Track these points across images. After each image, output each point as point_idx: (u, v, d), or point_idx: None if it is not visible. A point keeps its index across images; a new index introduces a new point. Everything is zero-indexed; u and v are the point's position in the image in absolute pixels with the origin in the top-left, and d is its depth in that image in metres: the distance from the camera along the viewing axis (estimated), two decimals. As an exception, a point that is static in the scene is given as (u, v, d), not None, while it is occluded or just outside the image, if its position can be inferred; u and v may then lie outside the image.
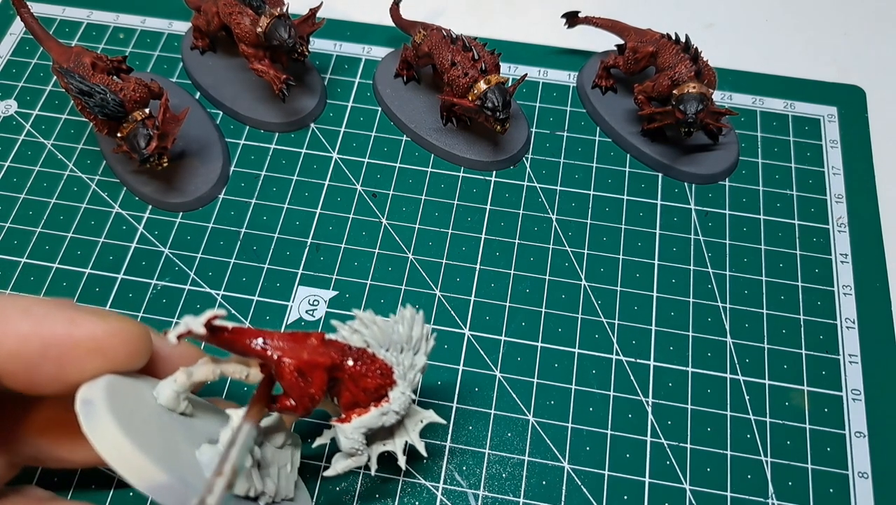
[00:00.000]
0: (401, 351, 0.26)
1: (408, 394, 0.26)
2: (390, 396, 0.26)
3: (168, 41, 0.47)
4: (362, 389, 0.26)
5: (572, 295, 0.38)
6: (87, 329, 0.23)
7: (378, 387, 0.26)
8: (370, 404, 0.26)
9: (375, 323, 0.26)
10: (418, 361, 0.27)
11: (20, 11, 0.39)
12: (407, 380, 0.26)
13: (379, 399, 0.26)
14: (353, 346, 0.26)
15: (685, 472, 0.33)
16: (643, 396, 0.35)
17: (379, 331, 0.26)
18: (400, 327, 0.26)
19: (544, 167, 0.42)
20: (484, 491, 0.33)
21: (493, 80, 0.37)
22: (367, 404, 0.26)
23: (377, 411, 0.26)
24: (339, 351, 0.25)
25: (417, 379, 0.27)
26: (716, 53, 0.45)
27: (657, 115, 0.40)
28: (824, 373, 0.36)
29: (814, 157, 0.43)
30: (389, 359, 0.26)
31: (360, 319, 0.26)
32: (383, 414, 0.26)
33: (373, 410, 0.26)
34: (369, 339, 0.26)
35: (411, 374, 0.26)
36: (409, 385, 0.26)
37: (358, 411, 0.26)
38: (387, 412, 0.26)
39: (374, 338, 0.26)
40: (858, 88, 0.46)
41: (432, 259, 0.39)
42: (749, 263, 0.39)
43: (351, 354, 0.25)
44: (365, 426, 0.26)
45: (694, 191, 0.42)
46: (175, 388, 0.25)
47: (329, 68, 0.46)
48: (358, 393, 0.26)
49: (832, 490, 0.33)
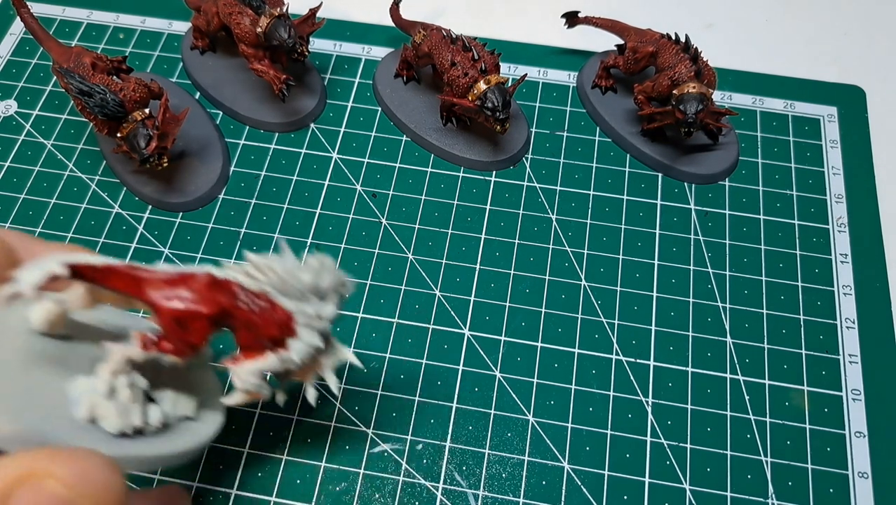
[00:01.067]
0: (305, 299, 0.24)
1: (312, 342, 0.24)
2: (290, 346, 0.24)
3: (168, 41, 0.47)
4: (260, 336, 0.24)
5: (572, 295, 0.38)
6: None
7: (278, 336, 0.24)
8: (267, 350, 0.24)
9: (274, 270, 0.23)
10: (327, 311, 0.24)
11: (20, 11, 0.39)
12: (313, 329, 0.24)
13: (278, 346, 0.24)
14: (251, 290, 0.24)
15: (685, 472, 0.33)
16: (643, 396, 0.35)
17: (278, 278, 0.24)
18: (305, 276, 0.24)
19: (544, 167, 0.42)
20: (484, 491, 0.33)
21: (493, 80, 0.37)
22: (263, 349, 0.24)
23: (275, 358, 0.24)
24: (230, 295, 0.23)
25: (326, 327, 0.25)
26: (716, 53, 0.45)
27: (657, 115, 0.40)
28: (824, 373, 0.36)
29: (814, 158, 0.43)
30: (290, 308, 0.24)
31: (253, 265, 0.24)
32: (283, 361, 0.24)
33: (270, 356, 0.24)
34: (266, 286, 0.24)
35: (317, 324, 0.24)
36: (317, 335, 0.24)
37: (254, 354, 0.24)
38: (287, 360, 0.24)
39: (273, 285, 0.24)
40: (858, 88, 0.46)
41: (432, 259, 0.39)
42: (749, 262, 0.39)
43: (245, 298, 0.23)
44: (262, 370, 0.24)
45: (694, 191, 0.42)
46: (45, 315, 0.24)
47: (329, 68, 0.46)
48: (251, 338, 0.24)
49: (832, 490, 0.33)
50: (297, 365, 0.25)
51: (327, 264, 0.24)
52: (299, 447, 0.33)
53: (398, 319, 0.37)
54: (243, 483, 0.33)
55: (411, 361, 0.36)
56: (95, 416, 0.23)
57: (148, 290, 0.23)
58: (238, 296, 0.23)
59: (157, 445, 0.24)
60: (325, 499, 0.32)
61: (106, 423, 0.23)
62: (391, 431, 0.34)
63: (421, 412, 0.34)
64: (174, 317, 0.22)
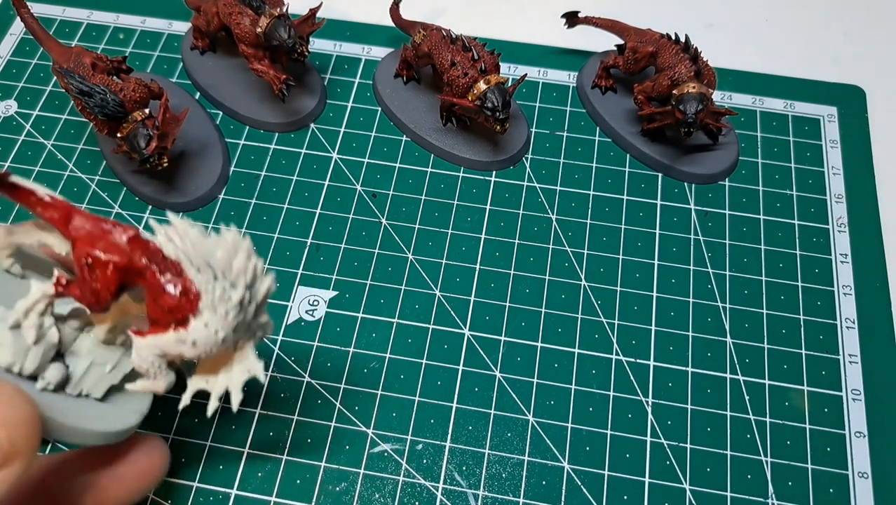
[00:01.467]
0: (214, 278, 0.22)
1: (214, 329, 0.23)
2: (190, 325, 0.23)
3: (168, 41, 0.47)
4: (160, 305, 0.22)
5: (572, 295, 0.38)
6: None
7: (176, 308, 0.22)
8: (170, 327, 0.23)
9: (189, 237, 0.22)
10: (233, 295, 0.23)
11: (20, 12, 0.39)
12: (218, 313, 0.22)
13: (180, 324, 0.23)
14: (167, 256, 0.22)
15: (685, 472, 0.33)
16: (643, 396, 0.35)
17: (192, 246, 0.22)
18: (218, 251, 0.22)
19: (544, 167, 0.42)
20: (484, 491, 0.33)
21: (493, 80, 0.37)
22: (166, 325, 0.23)
23: (174, 336, 0.23)
24: (147, 255, 0.22)
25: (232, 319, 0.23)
26: (715, 53, 0.45)
27: (657, 115, 0.40)
28: (824, 373, 0.36)
29: (814, 157, 0.43)
30: (198, 282, 0.22)
31: (175, 227, 0.22)
32: (180, 341, 0.23)
33: (170, 333, 0.23)
34: (180, 253, 0.22)
35: (222, 308, 0.23)
36: (221, 321, 0.23)
37: (156, 330, 0.23)
38: (184, 340, 0.23)
39: (186, 253, 0.22)
40: (858, 88, 0.46)
41: (432, 259, 0.39)
42: (749, 263, 0.39)
43: (157, 263, 0.22)
44: (159, 348, 0.23)
45: (694, 191, 0.42)
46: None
47: (329, 68, 0.46)
48: (156, 309, 0.23)
49: (832, 490, 0.33)
50: (197, 353, 0.23)
51: (243, 245, 0.23)
52: (299, 447, 0.33)
53: (398, 319, 0.37)
54: (243, 483, 0.33)
55: (411, 361, 0.36)
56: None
57: (73, 223, 0.22)
58: (154, 257, 0.22)
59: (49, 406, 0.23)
60: (325, 499, 0.32)
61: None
62: (391, 431, 0.34)
63: (421, 412, 0.34)
64: (86, 255, 0.22)
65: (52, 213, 0.23)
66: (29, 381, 0.24)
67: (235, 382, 0.25)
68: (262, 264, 0.23)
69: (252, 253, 0.23)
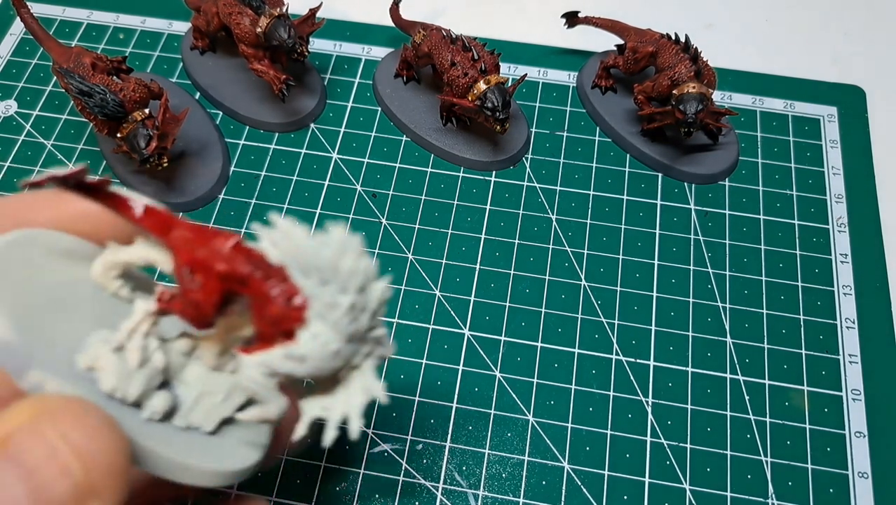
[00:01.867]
0: (323, 283, 0.20)
1: (324, 341, 0.20)
2: (298, 337, 0.20)
3: (168, 41, 0.47)
4: (265, 316, 0.21)
5: (572, 295, 0.38)
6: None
7: (281, 317, 0.20)
8: (276, 340, 0.21)
9: (293, 237, 0.20)
10: (342, 300, 0.20)
11: (20, 12, 0.39)
12: (328, 322, 0.20)
13: (287, 336, 0.21)
14: (272, 262, 0.20)
15: (685, 472, 0.33)
16: (643, 396, 0.35)
17: (296, 248, 0.20)
18: (326, 251, 0.20)
19: (544, 167, 0.42)
20: (484, 491, 0.33)
21: (493, 80, 0.37)
22: (273, 339, 0.21)
23: (281, 351, 0.21)
24: (251, 263, 0.20)
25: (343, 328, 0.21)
26: (715, 53, 0.45)
27: (657, 116, 0.40)
28: (824, 373, 0.36)
29: (814, 157, 0.43)
30: (305, 288, 0.20)
31: (279, 229, 0.20)
32: (288, 357, 0.21)
33: (277, 348, 0.21)
34: (286, 257, 0.20)
35: (332, 315, 0.20)
36: (332, 331, 0.20)
37: (264, 346, 0.21)
38: (292, 356, 0.21)
39: (291, 256, 0.20)
40: (858, 88, 0.46)
41: (432, 259, 0.39)
42: (749, 263, 0.39)
43: (261, 269, 0.20)
44: (267, 366, 0.21)
45: (694, 191, 0.42)
46: (102, 262, 0.23)
47: (329, 68, 0.46)
48: (262, 322, 0.21)
49: (832, 490, 0.33)
50: (308, 370, 0.21)
51: (351, 244, 0.20)
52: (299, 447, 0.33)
53: (398, 319, 0.37)
54: (244, 483, 0.32)
55: (411, 361, 0.36)
56: (94, 366, 0.21)
57: (173, 233, 0.21)
58: (260, 265, 0.21)
59: (149, 436, 0.21)
60: (325, 499, 0.32)
61: (101, 376, 0.21)
62: (391, 431, 0.34)
63: (421, 412, 0.34)
64: (187, 262, 0.21)
65: (151, 223, 0.21)
66: (133, 409, 0.22)
67: (354, 407, 0.22)
68: (373, 266, 0.21)
69: (362, 253, 0.20)
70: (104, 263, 0.23)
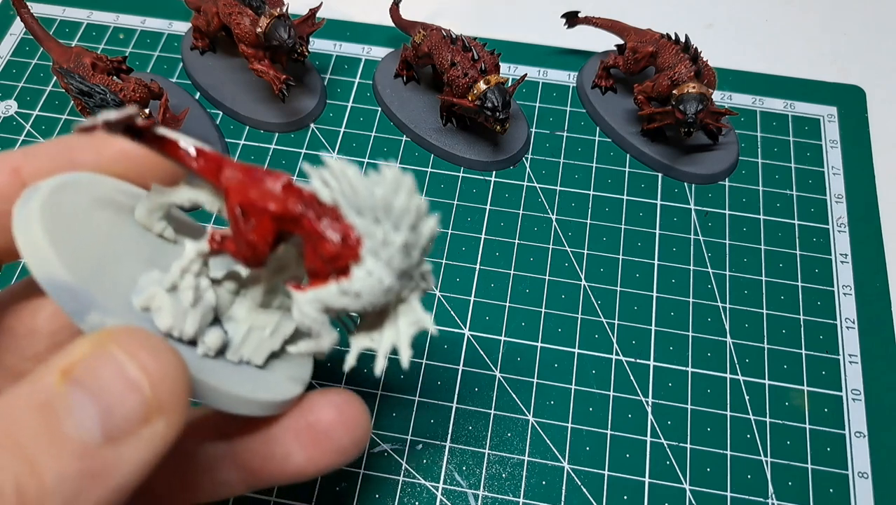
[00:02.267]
0: (376, 221, 0.21)
1: (379, 278, 0.21)
2: (353, 274, 0.21)
3: (168, 41, 0.47)
4: (320, 255, 0.21)
5: (572, 295, 0.38)
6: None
7: (336, 255, 0.21)
8: (330, 277, 0.21)
9: (346, 177, 0.20)
10: (396, 238, 0.21)
11: (20, 12, 0.39)
12: (381, 260, 0.21)
13: (342, 273, 0.21)
14: (324, 201, 0.21)
15: (685, 472, 0.33)
16: (643, 396, 0.35)
17: (350, 188, 0.20)
18: (378, 190, 0.20)
19: (544, 167, 0.42)
20: (484, 491, 0.33)
21: (493, 80, 0.37)
22: (326, 277, 0.21)
23: (336, 288, 0.21)
24: (303, 202, 0.21)
25: (397, 265, 0.21)
26: (715, 53, 0.45)
27: (657, 116, 0.40)
28: (824, 373, 0.36)
29: (814, 157, 0.43)
30: (359, 226, 0.21)
31: (330, 169, 0.21)
32: (343, 293, 0.21)
33: (332, 284, 0.21)
34: (338, 196, 0.21)
35: (386, 253, 0.21)
36: (386, 268, 0.21)
37: (317, 283, 0.22)
38: (348, 291, 0.21)
39: (345, 195, 0.21)
40: (858, 88, 0.46)
41: (432, 259, 0.39)
42: (749, 262, 0.39)
43: (314, 209, 0.21)
44: (322, 302, 0.21)
45: (694, 191, 0.42)
46: (146, 204, 0.23)
47: (329, 68, 0.46)
48: (316, 260, 0.21)
49: (832, 490, 0.33)
50: (361, 304, 0.21)
51: (404, 183, 0.20)
52: (299, 447, 0.33)
53: (398, 319, 0.37)
54: (243, 483, 0.33)
55: (411, 361, 0.36)
56: (150, 306, 0.22)
57: (224, 173, 0.21)
58: (311, 203, 0.21)
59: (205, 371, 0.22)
60: (325, 499, 0.32)
61: (158, 315, 0.22)
62: (391, 431, 0.34)
63: (421, 412, 0.34)
64: (240, 203, 0.21)
65: (203, 164, 0.22)
66: (189, 346, 0.22)
67: (404, 338, 0.22)
68: (425, 203, 0.21)
69: (414, 191, 0.20)
70: (149, 204, 0.23)
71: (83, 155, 0.24)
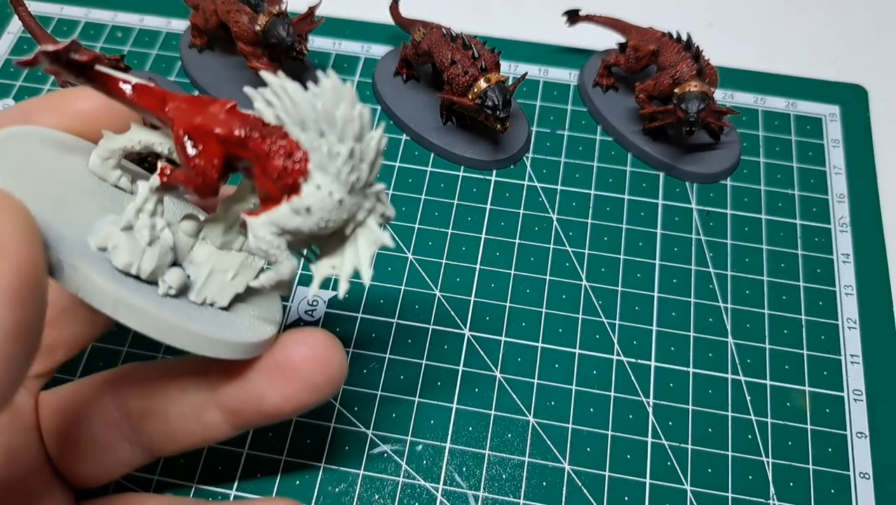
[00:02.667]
0: (320, 134, 0.21)
1: (328, 191, 0.21)
2: (303, 190, 0.21)
3: (166, 40, 0.47)
4: (269, 175, 0.21)
5: (573, 295, 0.38)
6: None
7: (283, 171, 0.21)
8: (282, 198, 0.21)
9: (288, 92, 0.20)
10: (341, 149, 0.21)
11: (18, 10, 0.39)
12: (329, 172, 0.21)
13: (292, 191, 0.21)
14: (268, 122, 0.21)
15: (686, 472, 0.33)
16: (644, 396, 0.35)
17: (291, 104, 0.20)
18: (319, 102, 0.20)
19: (545, 166, 0.42)
20: (484, 492, 0.33)
21: (494, 78, 0.37)
22: (279, 197, 0.21)
23: (287, 207, 0.21)
24: (247, 125, 0.21)
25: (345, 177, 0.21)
26: (717, 52, 0.45)
27: (658, 114, 0.40)
28: (826, 373, 0.36)
29: (816, 157, 0.43)
30: (304, 141, 0.21)
31: (271, 87, 0.21)
32: (295, 211, 0.21)
33: (283, 204, 0.21)
34: (281, 113, 0.21)
35: (333, 165, 0.21)
36: (334, 181, 0.21)
37: (268, 205, 0.21)
38: (299, 209, 0.21)
39: (287, 112, 0.21)
40: (861, 87, 0.46)
41: (432, 259, 0.39)
42: (750, 262, 0.39)
43: (259, 130, 0.21)
44: (275, 224, 0.21)
45: (695, 190, 0.41)
46: (99, 151, 0.23)
47: (328, 67, 0.46)
48: (266, 182, 0.21)
49: (833, 491, 0.33)
50: (314, 221, 0.21)
51: (344, 92, 0.20)
52: (299, 447, 0.33)
53: (398, 319, 0.37)
54: (243, 483, 0.32)
55: (411, 361, 0.36)
56: (106, 245, 0.22)
57: (168, 105, 0.21)
58: (256, 126, 0.21)
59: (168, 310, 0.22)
60: (324, 500, 0.32)
61: (114, 253, 0.21)
62: (391, 432, 0.34)
63: (421, 413, 0.34)
64: (185, 129, 0.21)
65: (144, 99, 0.22)
66: (150, 286, 0.22)
67: (363, 258, 0.22)
68: (368, 112, 0.21)
69: (356, 100, 0.21)
70: (101, 151, 0.23)
71: (41, 117, 0.23)
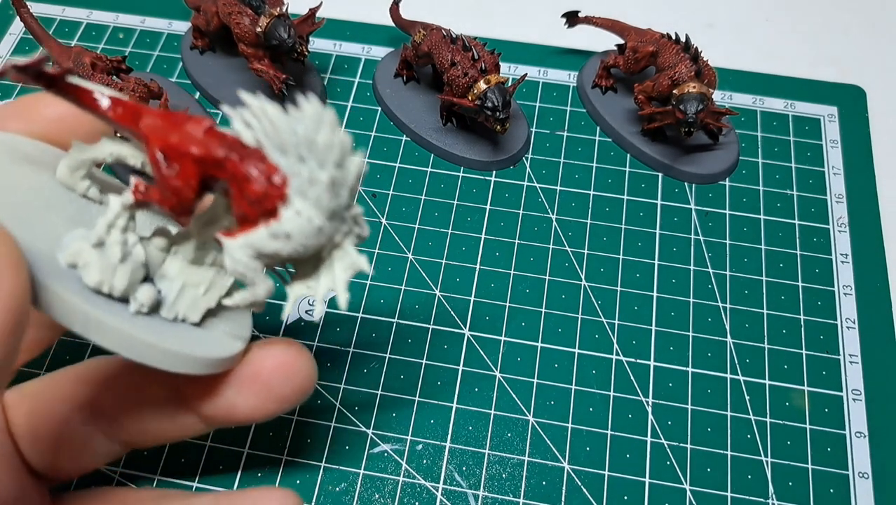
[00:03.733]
0: (300, 159, 0.20)
1: (308, 217, 0.20)
2: (281, 215, 0.20)
3: (168, 41, 0.47)
4: (247, 197, 0.20)
5: (572, 295, 0.38)
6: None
7: (262, 196, 0.20)
8: (259, 221, 0.21)
9: (268, 115, 0.20)
10: (321, 175, 0.20)
11: (20, 11, 0.39)
12: (309, 198, 0.20)
13: (270, 215, 0.21)
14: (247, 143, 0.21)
15: (685, 472, 0.33)
16: (643, 396, 0.35)
17: (271, 127, 0.20)
18: (300, 127, 0.20)
19: (544, 167, 0.42)
20: (484, 491, 0.33)
21: (493, 79, 0.37)
22: (256, 221, 0.21)
23: (265, 231, 0.21)
24: (226, 146, 0.20)
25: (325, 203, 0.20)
26: (716, 53, 0.45)
27: (657, 115, 0.40)
28: (825, 373, 0.36)
29: (814, 157, 0.43)
30: (283, 165, 0.20)
31: (250, 108, 0.20)
32: (273, 236, 0.21)
33: (261, 228, 0.21)
34: (261, 136, 0.20)
35: (313, 191, 0.20)
36: (314, 207, 0.20)
37: (247, 227, 0.21)
38: (277, 234, 0.21)
39: (267, 135, 0.20)
40: (859, 88, 0.46)
41: (432, 259, 0.39)
42: (749, 263, 0.39)
43: (237, 151, 0.20)
44: (252, 247, 0.21)
45: (694, 191, 0.42)
46: (68, 162, 0.23)
47: (329, 68, 0.46)
48: (243, 203, 0.21)
49: (832, 490, 0.33)
50: (293, 247, 0.21)
51: (325, 117, 0.20)
52: (299, 447, 0.33)
53: (398, 319, 0.37)
54: (243, 483, 0.33)
55: (411, 361, 0.36)
56: (77, 262, 0.21)
57: (143, 121, 0.21)
58: (235, 147, 0.21)
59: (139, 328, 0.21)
60: (324, 499, 0.32)
61: (85, 271, 0.21)
62: (391, 432, 0.34)
63: (421, 412, 0.34)
64: (161, 147, 0.20)
65: (119, 114, 0.21)
66: (121, 304, 0.22)
67: (340, 282, 0.22)
68: (348, 138, 0.20)
69: (336, 125, 0.20)
70: (70, 162, 0.23)
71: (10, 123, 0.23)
